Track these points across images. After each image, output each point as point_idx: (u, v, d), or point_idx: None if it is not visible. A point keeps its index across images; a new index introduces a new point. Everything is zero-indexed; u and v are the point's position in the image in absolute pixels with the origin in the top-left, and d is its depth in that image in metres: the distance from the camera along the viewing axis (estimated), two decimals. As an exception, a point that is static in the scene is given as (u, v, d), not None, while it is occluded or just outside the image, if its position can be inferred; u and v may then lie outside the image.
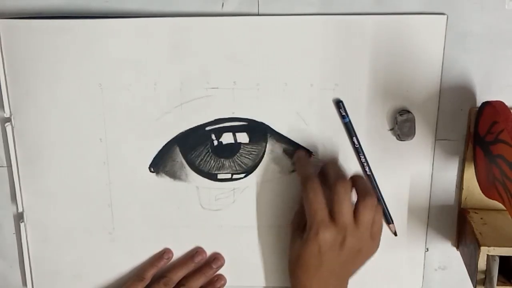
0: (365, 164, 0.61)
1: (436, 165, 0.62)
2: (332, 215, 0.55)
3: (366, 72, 0.59)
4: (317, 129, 0.61)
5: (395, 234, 0.63)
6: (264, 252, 0.64)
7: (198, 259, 0.64)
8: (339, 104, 0.60)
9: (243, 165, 0.62)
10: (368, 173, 0.61)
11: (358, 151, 0.61)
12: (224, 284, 0.65)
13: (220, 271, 0.65)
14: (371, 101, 0.60)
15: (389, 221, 0.63)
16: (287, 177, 0.62)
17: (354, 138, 0.60)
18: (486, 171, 0.57)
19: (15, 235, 0.64)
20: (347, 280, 0.58)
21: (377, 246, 0.58)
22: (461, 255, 0.62)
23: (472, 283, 0.57)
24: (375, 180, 0.62)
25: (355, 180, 0.58)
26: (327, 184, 0.56)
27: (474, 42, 0.58)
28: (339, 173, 0.58)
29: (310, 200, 0.55)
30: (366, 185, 0.57)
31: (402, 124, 0.59)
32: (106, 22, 0.58)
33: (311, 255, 0.55)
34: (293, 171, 0.62)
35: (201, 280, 0.64)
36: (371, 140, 0.61)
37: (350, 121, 0.60)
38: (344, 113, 0.60)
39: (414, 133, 0.59)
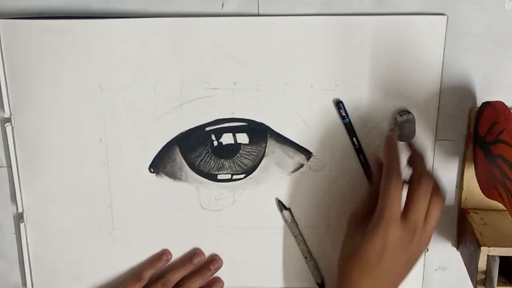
0: (365, 164, 0.61)
1: (436, 165, 0.62)
2: (406, 212, 0.52)
3: (366, 72, 0.59)
4: (317, 130, 0.61)
5: (395, 234, 0.63)
6: (263, 253, 0.64)
7: (197, 261, 0.64)
8: (339, 104, 0.60)
9: (243, 166, 0.62)
10: (368, 173, 0.61)
11: (358, 151, 0.61)
12: (221, 287, 0.65)
13: (219, 272, 0.65)
14: (371, 101, 0.60)
15: (389, 221, 0.63)
16: (287, 177, 0.62)
17: (354, 139, 0.60)
18: (486, 171, 0.57)
19: (15, 235, 0.64)
20: (399, 284, 0.55)
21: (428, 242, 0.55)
22: (461, 255, 0.62)
23: (472, 283, 0.57)
24: (375, 180, 0.62)
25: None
26: (409, 177, 0.54)
27: (474, 42, 0.58)
28: (425, 170, 0.55)
29: (390, 194, 0.52)
30: (438, 183, 0.55)
31: (402, 125, 0.59)
32: (106, 22, 0.58)
33: (372, 251, 0.52)
34: (293, 171, 0.62)
35: (198, 281, 0.64)
36: (371, 141, 0.61)
37: (350, 121, 0.60)
38: (344, 114, 0.60)
39: (414, 134, 0.59)
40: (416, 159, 0.56)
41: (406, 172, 0.56)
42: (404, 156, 0.61)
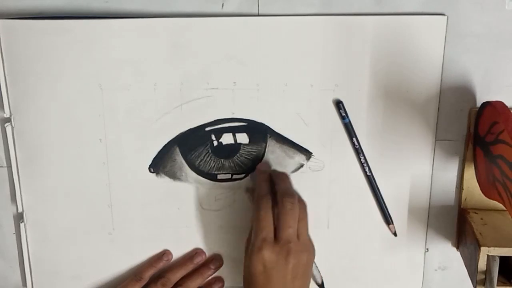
0: (365, 164, 0.61)
1: (436, 165, 0.62)
2: (278, 231, 0.54)
3: (366, 72, 0.59)
4: (317, 130, 0.61)
5: (395, 234, 0.63)
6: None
7: (197, 260, 0.64)
8: (339, 104, 0.60)
9: (243, 166, 0.62)
10: (368, 173, 0.61)
11: (358, 151, 0.61)
12: (221, 287, 0.65)
13: (219, 272, 0.65)
14: (371, 102, 0.60)
15: (389, 221, 0.63)
16: (287, 177, 0.62)
17: (354, 139, 0.60)
18: (486, 172, 0.57)
19: (15, 235, 0.64)
20: None
21: (313, 246, 0.56)
22: (461, 255, 0.62)
23: (472, 283, 0.57)
24: (375, 180, 0.62)
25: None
26: (274, 199, 0.56)
27: (474, 42, 0.58)
28: (286, 187, 0.57)
29: (260, 217, 0.54)
30: (298, 195, 0.57)
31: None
32: (106, 22, 0.58)
33: (256, 276, 0.54)
34: (293, 171, 0.62)
35: (198, 280, 0.64)
36: (371, 141, 0.61)
37: (350, 121, 0.60)
38: (344, 114, 0.60)
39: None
40: (276, 180, 0.58)
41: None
42: (403, 156, 0.61)
